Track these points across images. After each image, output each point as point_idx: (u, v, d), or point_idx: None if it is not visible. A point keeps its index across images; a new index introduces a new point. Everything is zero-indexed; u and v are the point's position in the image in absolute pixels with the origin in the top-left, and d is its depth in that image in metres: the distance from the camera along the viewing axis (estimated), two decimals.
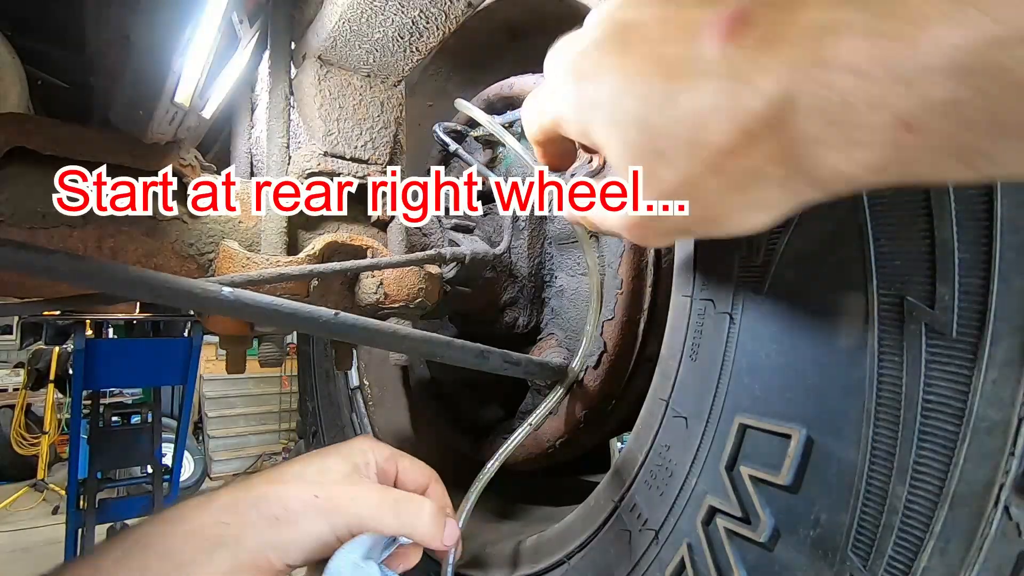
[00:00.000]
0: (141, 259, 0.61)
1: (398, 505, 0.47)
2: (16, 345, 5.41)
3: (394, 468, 0.54)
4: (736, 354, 0.52)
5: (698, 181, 0.33)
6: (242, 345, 0.66)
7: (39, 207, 0.56)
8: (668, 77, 0.31)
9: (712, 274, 0.55)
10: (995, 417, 0.37)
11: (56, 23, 0.81)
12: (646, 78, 0.32)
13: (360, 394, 1.18)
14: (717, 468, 0.52)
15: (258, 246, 0.66)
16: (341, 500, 0.46)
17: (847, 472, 0.43)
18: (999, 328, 0.37)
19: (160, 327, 3.18)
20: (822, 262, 0.46)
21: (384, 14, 0.59)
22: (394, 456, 0.54)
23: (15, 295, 0.63)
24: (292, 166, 0.66)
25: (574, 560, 0.69)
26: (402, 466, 0.54)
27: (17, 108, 0.75)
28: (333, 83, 0.67)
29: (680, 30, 0.31)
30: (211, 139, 0.96)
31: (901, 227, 0.41)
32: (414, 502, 0.48)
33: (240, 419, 6.08)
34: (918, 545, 0.39)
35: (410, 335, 0.60)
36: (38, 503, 4.80)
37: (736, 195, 0.33)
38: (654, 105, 0.32)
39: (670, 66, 0.31)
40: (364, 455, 0.52)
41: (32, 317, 2.66)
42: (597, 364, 0.76)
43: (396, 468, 0.54)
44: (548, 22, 1.02)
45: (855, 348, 0.43)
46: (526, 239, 0.88)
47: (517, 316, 0.90)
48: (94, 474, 2.70)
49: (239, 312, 0.51)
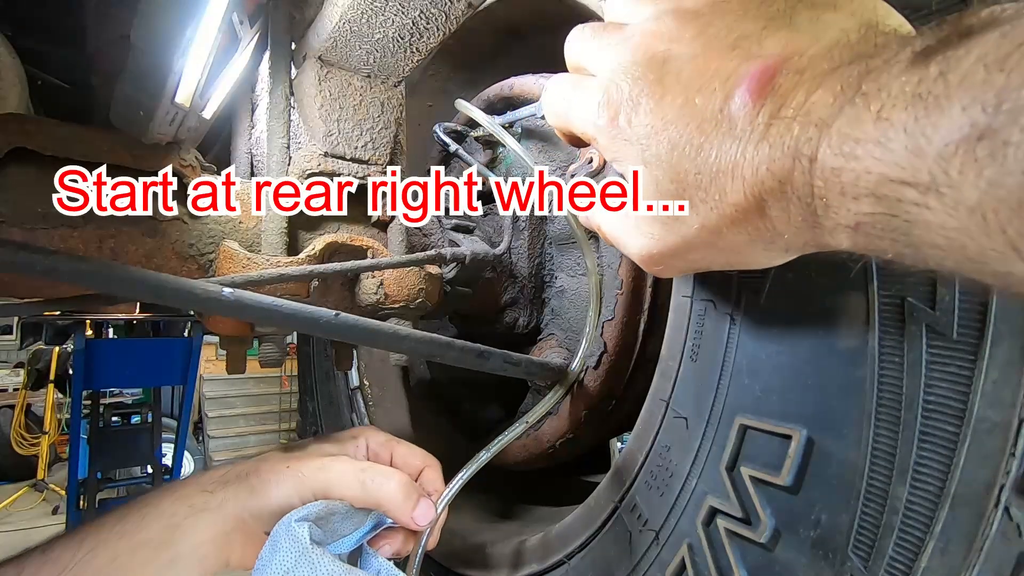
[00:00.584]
0: (141, 259, 0.61)
1: (364, 474, 0.48)
2: (16, 345, 5.41)
3: (388, 453, 0.55)
4: (736, 355, 0.52)
5: (723, 232, 0.34)
6: (242, 345, 0.66)
7: (39, 207, 0.56)
8: (700, 129, 0.32)
9: (712, 275, 0.55)
10: (996, 418, 0.37)
11: (56, 23, 0.80)
12: (679, 126, 0.33)
13: (360, 394, 1.18)
14: (717, 468, 0.52)
15: (258, 246, 0.66)
16: (308, 469, 0.49)
17: (848, 473, 0.43)
18: (1000, 329, 0.37)
19: (160, 327, 3.18)
20: (823, 263, 0.46)
21: (384, 15, 0.59)
22: (390, 442, 0.56)
23: (15, 295, 0.63)
24: (292, 166, 0.66)
25: (574, 561, 0.69)
26: (397, 452, 0.56)
27: (17, 108, 0.75)
28: (333, 83, 0.67)
29: (713, 79, 0.32)
30: (211, 139, 0.96)
31: None
32: (383, 473, 0.49)
33: (240, 419, 6.08)
34: (918, 546, 0.39)
35: (410, 335, 0.60)
36: (38, 503, 4.80)
37: (759, 247, 0.34)
38: (685, 154, 0.33)
39: (702, 117, 0.32)
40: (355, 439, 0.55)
41: (32, 317, 2.66)
42: (597, 364, 0.76)
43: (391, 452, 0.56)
44: (548, 22, 1.02)
45: (856, 349, 0.43)
46: (526, 239, 0.88)
47: (517, 316, 0.90)
48: (94, 474, 2.70)
49: (239, 312, 0.51)
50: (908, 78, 0.23)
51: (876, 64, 0.26)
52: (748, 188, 0.30)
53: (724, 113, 0.31)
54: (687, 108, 0.33)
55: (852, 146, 0.25)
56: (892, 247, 0.27)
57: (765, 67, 0.30)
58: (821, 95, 0.27)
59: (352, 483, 0.48)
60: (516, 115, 0.81)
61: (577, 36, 0.42)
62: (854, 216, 0.27)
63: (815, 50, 0.30)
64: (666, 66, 0.35)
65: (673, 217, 0.36)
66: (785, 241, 0.32)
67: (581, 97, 0.40)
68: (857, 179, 0.25)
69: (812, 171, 0.27)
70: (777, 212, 0.31)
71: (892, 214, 0.25)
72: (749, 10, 0.33)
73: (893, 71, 0.25)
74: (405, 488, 0.49)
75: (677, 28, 0.36)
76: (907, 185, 0.23)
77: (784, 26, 0.32)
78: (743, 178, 0.31)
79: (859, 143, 0.25)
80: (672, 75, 0.34)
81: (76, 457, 2.65)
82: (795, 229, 0.31)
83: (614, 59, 0.38)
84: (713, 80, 0.32)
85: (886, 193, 0.24)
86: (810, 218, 0.29)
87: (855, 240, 0.28)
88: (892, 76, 0.24)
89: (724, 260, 0.37)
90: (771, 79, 0.30)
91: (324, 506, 0.47)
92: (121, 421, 3.21)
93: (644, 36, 0.37)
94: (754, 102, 0.30)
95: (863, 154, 0.25)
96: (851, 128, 0.25)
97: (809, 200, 0.28)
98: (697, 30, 0.35)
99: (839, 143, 0.26)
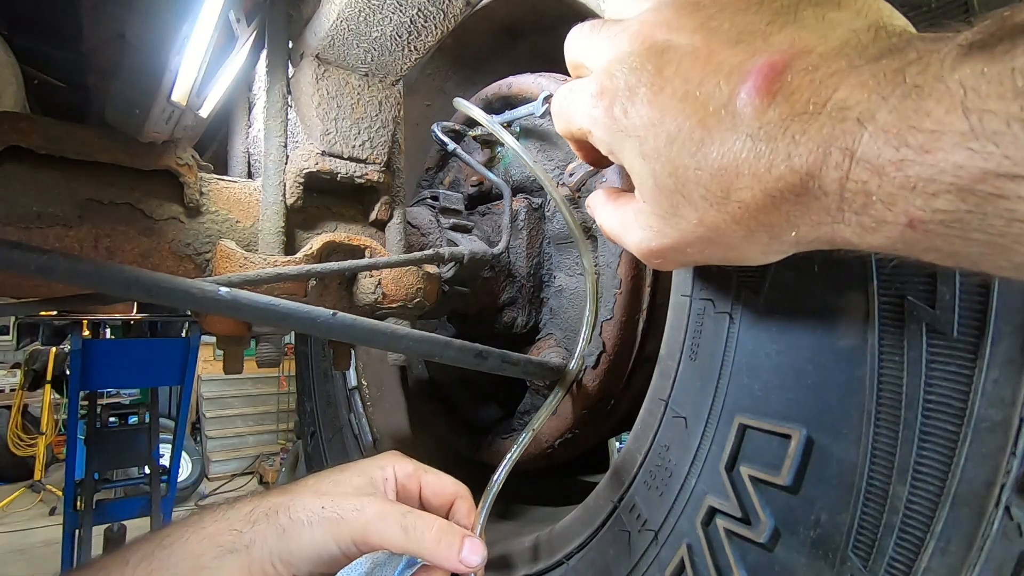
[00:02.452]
0: (137, 259, 0.60)
1: (405, 519, 0.45)
2: (13, 345, 5.40)
3: (417, 484, 0.52)
4: (736, 354, 0.52)
5: (722, 229, 0.34)
6: (240, 345, 0.65)
7: (35, 206, 0.55)
8: (701, 124, 0.32)
9: (711, 274, 0.55)
10: (996, 417, 0.37)
11: (52, 22, 0.80)
12: (678, 119, 0.33)
13: (358, 394, 1.17)
14: (717, 468, 0.52)
15: (255, 246, 0.66)
16: (345, 511, 0.45)
17: (847, 472, 0.43)
18: (1000, 328, 0.36)
19: (157, 327, 3.17)
20: (822, 261, 0.45)
21: (382, 13, 0.58)
22: (418, 472, 0.52)
23: (11, 295, 0.63)
24: (290, 165, 0.66)
25: (573, 561, 0.69)
26: (426, 481, 0.52)
27: (13, 107, 0.74)
28: (331, 82, 0.66)
29: (716, 72, 0.32)
30: (208, 138, 0.95)
31: None
32: (423, 519, 0.46)
33: (238, 419, 6.06)
34: (919, 545, 0.39)
35: (408, 335, 0.59)
36: (35, 504, 4.79)
37: (757, 245, 0.34)
38: (685, 149, 0.33)
39: (704, 111, 0.32)
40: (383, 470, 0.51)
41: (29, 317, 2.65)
42: (596, 364, 0.76)
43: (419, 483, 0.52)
44: (546, 21, 1.02)
45: (855, 348, 0.43)
46: (524, 239, 0.87)
47: (516, 316, 0.89)
48: (91, 475, 2.69)
49: (236, 312, 0.51)
50: (989, 69, 0.23)
51: (911, 58, 0.26)
52: (760, 185, 0.30)
53: (729, 109, 0.31)
54: (687, 101, 0.32)
55: (925, 138, 0.24)
56: (962, 247, 0.26)
57: (772, 63, 0.30)
58: (849, 91, 0.27)
59: (394, 531, 0.45)
60: (515, 114, 0.81)
61: (575, 34, 0.42)
62: (918, 212, 0.26)
63: (824, 48, 0.29)
64: (665, 56, 0.34)
65: (672, 213, 0.35)
66: (793, 238, 0.32)
67: (578, 91, 0.40)
68: (938, 173, 0.24)
69: (852, 166, 0.27)
70: (792, 209, 0.30)
71: (982, 212, 0.24)
72: (752, 4, 0.33)
73: (946, 65, 0.24)
74: (448, 535, 0.46)
75: (677, 18, 0.35)
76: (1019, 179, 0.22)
77: (790, 23, 0.31)
78: (755, 176, 0.30)
79: (937, 136, 0.24)
80: (672, 66, 0.33)
81: (73, 458, 2.63)
82: (810, 226, 0.30)
83: (611, 50, 0.37)
84: (716, 74, 0.31)
85: (981, 188, 0.23)
86: (837, 214, 0.28)
87: (901, 238, 0.27)
88: (949, 69, 0.24)
89: (721, 255, 0.37)
90: (779, 75, 0.29)
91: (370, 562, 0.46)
92: (118, 422, 3.20)
93: (643, 25, 0.36)
94: (762, 99, 0.29)
95: (948, 147, 0.24)
96: (917, 118, 0.24)
97: (840, 196, 0.28)
98: (699, 22, 0.34)
99: (900, 135, 0.25)
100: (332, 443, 1.23)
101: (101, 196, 0.58)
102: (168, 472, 2.91)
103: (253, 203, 0.67)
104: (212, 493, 5.36)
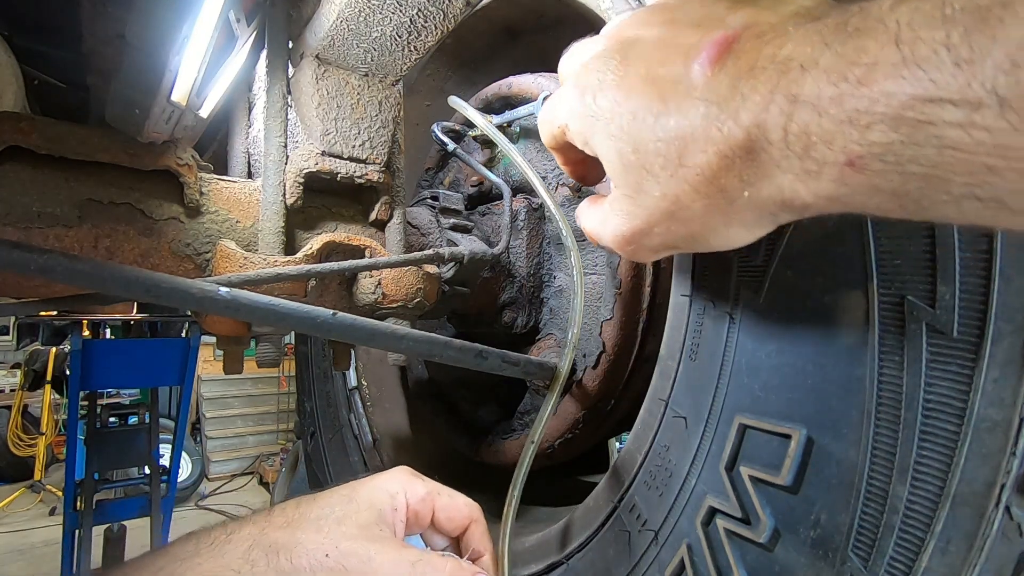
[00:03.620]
0: (137, 259, 0.60)
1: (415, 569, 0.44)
2: (13, 346, 5.40)
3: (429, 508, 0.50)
4: (736, 354, 0.52)
5: (682, 199, 0.35)
6: (240, 345, 0.65)
7: (35, 206, 0.55)
8: (660, 98, 0.34)
9: (711, 274, 0.55)
10: (996, 417, 0.37)
11: (52, 22, 0.80)
12: (640, 97, 0.35)
13: (358, 394, 1.17)
14: (717, 468, 0.52)
15: (255, 246, 0.66)
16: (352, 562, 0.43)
17: (847, 472, 0.43)
18: (1000, 327, 0.36)
19: (157, 327, 3.17)
20: (822, 261, 0.45)
21: (382, 13, 0.58)
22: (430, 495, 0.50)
23: (11, 295, 0.63)
24: (290, 165, 0.66)
25: (573, 561, 0.69)
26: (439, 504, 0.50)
27: (13, 107, 0.75)
28: (331, 82, 0.66)
29: (676, 52, 0.34)
30: (208, 138, 0.95)
31: (902, 226, 0.41)
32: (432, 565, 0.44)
33: (238, 420, 6.06)
34: (919, 545, 0.39)
35: (408, 335, 0.59)
36: (35, 504, 4.79)
37: (717, 215, 0.35)
38: (645, 123, 0.35)
39: (663, 87, 0.34)
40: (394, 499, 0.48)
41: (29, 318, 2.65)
42: (596, 364, 0.76)
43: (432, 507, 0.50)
44: (546, 21, 1.02)
45: (855, 348, 0.43)
46: (524, 239, 0.87)
47: (516, 316, 0.89)
48: (91, 475, 2.69)
49: (236, 312, 0.51)
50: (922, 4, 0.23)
51: (854, 11, 0.27)
52: (714, 147, 0.31)
53: (684, 81, 0.33)
54: (649, 80, 0.35)
55: (861, 72, 0.25)
56: (901, 184, 0.26)
57: (725, 36, 0.32)
58: (794, 47, 0.28)
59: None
60: (514, 114, 0.80)
61: (566, 53, 0.44)
62: (856, 147, 0.26)
63: (774, 19, 0.31)
64: (633, 47, 0.37)
65: (638, 190, 0.37)
66: (746, 200, 0.32)
67: (558, 94, 0.43)
68: (871, 104, 0.25)
69: (794, 110, 0.27)
70: (743, 167, 0.31)
71: (914, 141, 0.24)
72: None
73: (885, 7, 0.25)
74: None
75: (648, 16, 0.38)
76: (947, 103, 0.23)
77: (748, 5, 0.33)
78: (708, 139, 0.32)
79: (872, 68, 0.24)
80: (636, 52, 0.36)
81: (73, 458, 2.63)
82: (760, 182, 0.31)
83: (588, 53, 0.40)
84: (676, 53, 0.34)
85: (911, 116, 0.24)
86: (783, 162, 0.29)
87: (843, 184, 0.28)
88: (888, 10, 0.25)
89: (686, 232, 0.37)
90: (731, 45, 0.31)
91: None
92: (118, 422, 3.19)
93: (617, 28, 0.40)
94: (712, 65, 0.31)
95: (880, 77, 0.24)
96: (856, 55, 0.25)
97: (784, 143, 0.28)
98: (666, 16, 0.37)
99: (839, 72, 0.26)
100: (332, 443, 1.23)
101: (101, 196, 0.58)
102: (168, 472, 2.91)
103: (253, 203, 0.67)
104: (212, 493, 5.36)
